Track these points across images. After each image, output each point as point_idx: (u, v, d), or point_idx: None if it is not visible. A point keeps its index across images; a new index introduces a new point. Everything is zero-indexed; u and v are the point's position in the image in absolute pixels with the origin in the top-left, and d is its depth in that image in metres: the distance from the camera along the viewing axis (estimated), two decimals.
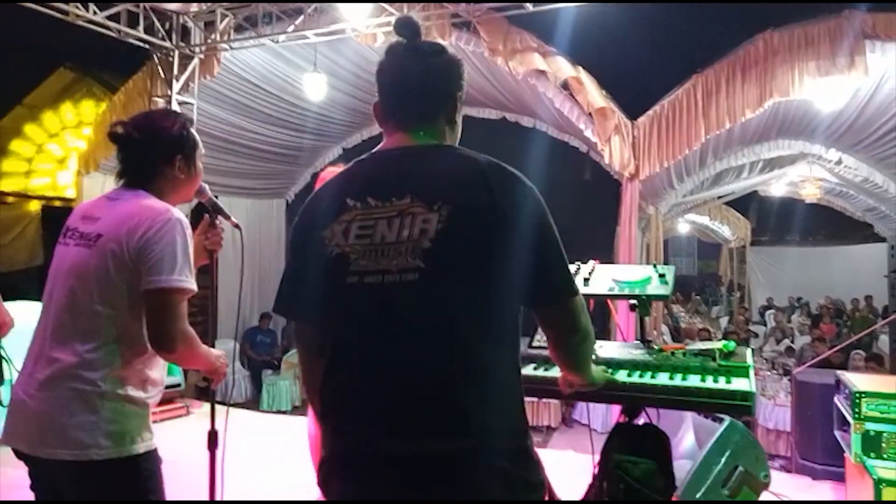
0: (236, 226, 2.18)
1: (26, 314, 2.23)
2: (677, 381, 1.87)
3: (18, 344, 2.07)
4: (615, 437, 1.99)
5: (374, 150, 1.37)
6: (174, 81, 6.02)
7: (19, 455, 1.73)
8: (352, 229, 1.24)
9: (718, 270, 14.90)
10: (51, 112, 9.49)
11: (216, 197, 2.08)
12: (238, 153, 7.38)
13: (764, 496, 2.22)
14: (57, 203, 9.14)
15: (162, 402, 1.78)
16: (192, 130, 1.85)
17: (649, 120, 5.13)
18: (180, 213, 1.72)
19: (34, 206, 9.26)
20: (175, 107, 5.82)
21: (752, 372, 1.90)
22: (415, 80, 1.34)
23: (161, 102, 5.98)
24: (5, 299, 2.47)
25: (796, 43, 4.66)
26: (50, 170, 9.52)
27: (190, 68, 6.04)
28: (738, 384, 1.82)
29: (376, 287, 1.21)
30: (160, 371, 1.79)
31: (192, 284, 1.70)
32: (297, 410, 7.22)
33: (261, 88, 6.59)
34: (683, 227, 12.83)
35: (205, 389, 5.54)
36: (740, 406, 1.77)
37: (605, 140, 5.15)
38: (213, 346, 1.91)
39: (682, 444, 2.63)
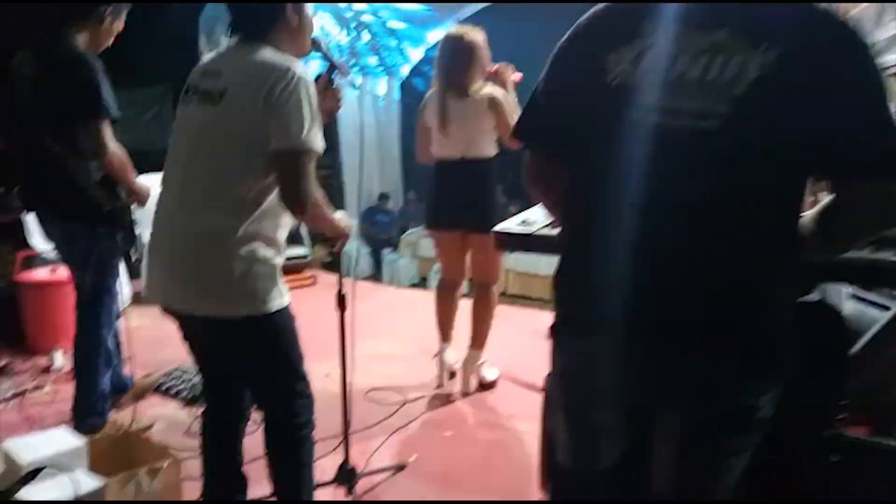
0: (354, 85, 2.05)
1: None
2: None
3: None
4: None
5: None
6: None
7: (164, 309, 1.77)
8: (645, 58, 1.06)
9: None
10: None
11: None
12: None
13: None
14: None
15: (290, 272, 1.79)
16: None
17: None
18: (304, 68, 1.62)
19: None
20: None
21: None
22: None
23: None
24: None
25: None
26: None
27: None
28: None
29: (661, 129, 1.04)
30: (286, 231, 1.76)
31: (321, 144, 1.62)
32: (414, 287, 7.38)
33: None
34: None
35: (330, 263, 5.71)
36: None
37: None
38: None
39: None
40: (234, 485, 1.97)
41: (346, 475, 2.23)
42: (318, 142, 1.61)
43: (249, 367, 1.81)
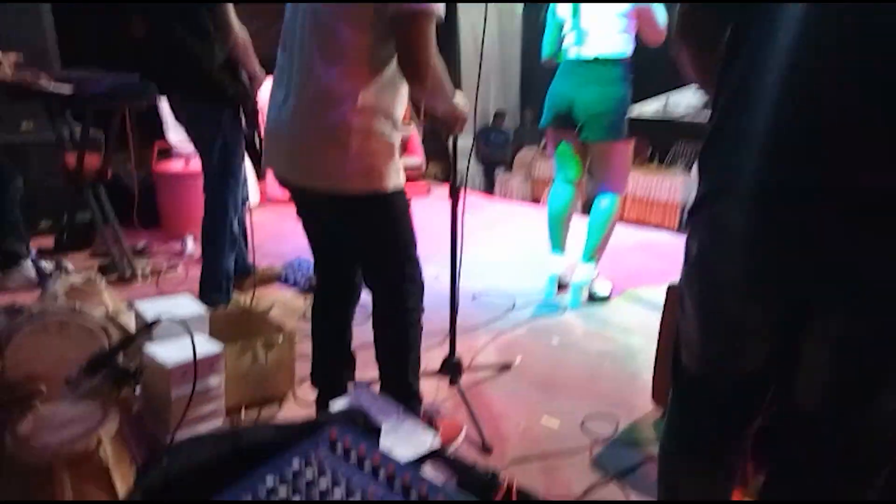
0: None
1: None
2: None
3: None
4: None
5: None
6: None
7: (279, 179, 1.77)
8: None
9: None
10: None
11: None
12: None
13: None
14: None
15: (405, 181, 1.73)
16: None
17: None
18: None
19: None
20: None
21: None
22: None
23: None
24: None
25: None
26: None
27: None
28: None
29: None
30: (403, 107, 1.68)
31: (441, 7, 1.51)
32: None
33: None
34: None
35: (444, 178, 5.69)
36: None
37: None
38: None
39: None
40: (342, 362, 2.01)
41: (451, 366, 2.23)
42: (438, 4, 1.50)
43: (362, 244, 1.80)
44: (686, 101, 2.91)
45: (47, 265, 3.05)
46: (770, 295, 1.03)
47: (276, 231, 4.00)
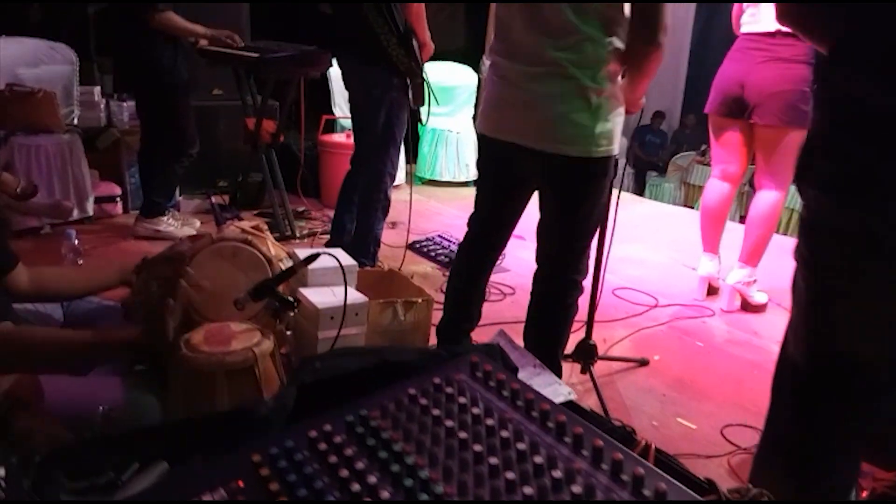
0: None
1: None
2: None
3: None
4: None
5: None
6: None
7: (491, 142, 1.81)
8: None
9: None
10: None
11: None
12: None
13: None
14: None
15: None
16: None
17: None
18: None
19: None
20: None
21: None
22: None
23: None
24: None
25: None
26: None
27: None
28: None
29: None
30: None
31: None
32: None
33: None
34: None
35: None
36: None
37: None
38: None
39: None
40: (471, 315, 2.07)
41: (585, 351, 2.17)
42: None
43: (573, 205, 1.79)
44: None
45: (225, 213, 3.36)
46: None
47: (422, 208, 4.14)
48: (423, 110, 2.77)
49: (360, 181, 2.84)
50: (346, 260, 2.21)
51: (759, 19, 2.61)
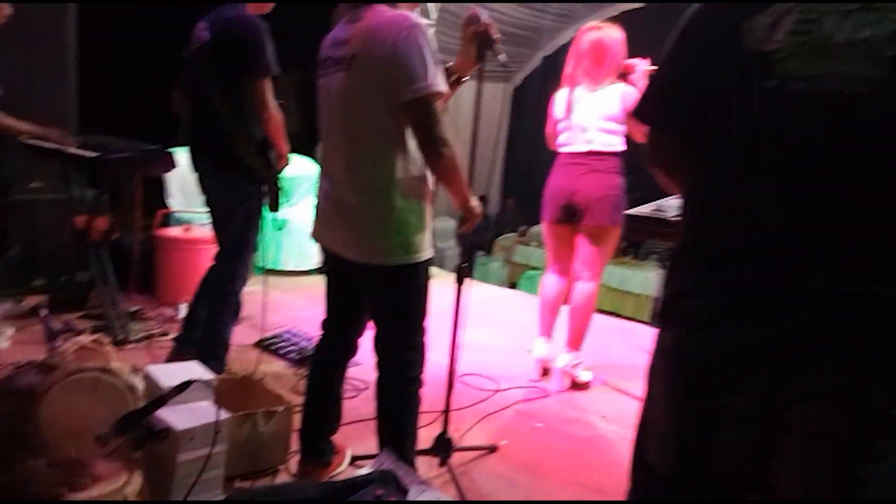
0: (503, 64, 2.09)
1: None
2: None
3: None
4: None
5: None
6: None
7: (325, 250, 2.03)
8: (783, 23, 0.99)
9: None
10: None
11: None
12: None
13: None
14: None
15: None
16: None
17: None
18: (417, 17, 1.74)
19: None
20: None
21: None
22: None
23: None
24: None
25: None
26: None
27: None
28: None
29: (806, 97, 0.96)
30: (431, 183, 1.88)
31: (443, 85, 1.74)
32: None
33: None
34: None
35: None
36: None
37: None
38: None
39: None
40: (332, 417, 2.17)
41: (442, 445, 2.30)
42: (440, 83, 1.73)
43: (388, 310, 1.95)
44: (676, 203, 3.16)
45: (56, 324, 3.08)
46: (743, 392, 1.03)
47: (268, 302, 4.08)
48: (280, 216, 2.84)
49: (213, 285, 2.81)
50: (203, 374, 2.17)
51: (574, 141, 3.13)
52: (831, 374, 0.96)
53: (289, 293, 4.52)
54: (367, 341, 2.10)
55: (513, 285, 7.71)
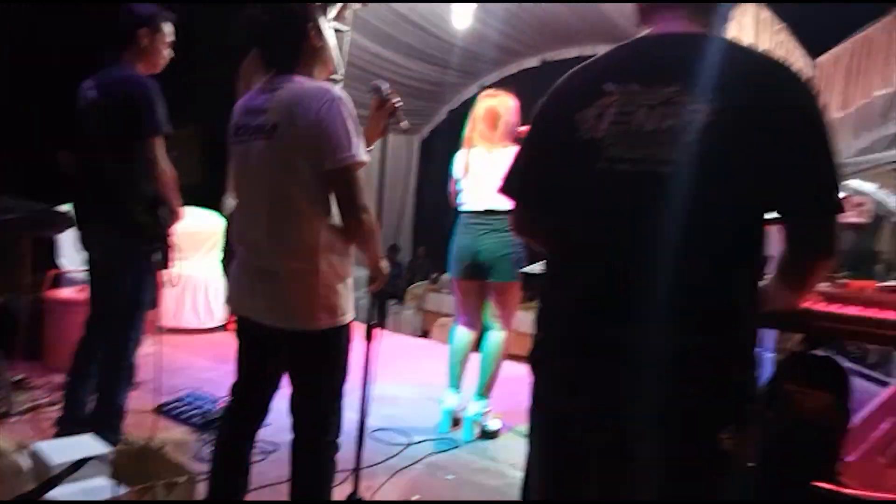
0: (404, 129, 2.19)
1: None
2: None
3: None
4: (789, 366, 1.85)
5: (638, 36, 1.30)
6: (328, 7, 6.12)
7: (238, 317, 1.99)
8: (606, 115, 1.20)
9: (875, 246, 13.42)
10: None
11: None
12: None
13: None
14: None
15: None
16: None
17: (832, 59, 4.61)
18: (339, 89, 1.81)
19: None
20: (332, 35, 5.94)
21: None
22: None
23: None
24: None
25: None
26: None
27: None
28: None
29: (626, 176, 1.17)
30: (353, 249, 1.91)
31: (366, 155, 1.81)
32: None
33: (408, 19, 6.59)
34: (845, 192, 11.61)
35: None
36: None
37: None
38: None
39: None
40: (240, 486, 2.08)
41: None
42: (362, 153, 1.79)
43: (308, 374, 1.93)
44: None
45: None
46: (587, 429, 1.22)
47: (166, 363, 3.91)
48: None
49: (102, 348, 2.68)
50: (98, 448, 2.07)
51: (474, 199, 3.28)
52: (660, 417, 1.15)
53: (190, 353, 4.36)
54: (278, 401, 2.06)
55: (425, 333, 7.77)
